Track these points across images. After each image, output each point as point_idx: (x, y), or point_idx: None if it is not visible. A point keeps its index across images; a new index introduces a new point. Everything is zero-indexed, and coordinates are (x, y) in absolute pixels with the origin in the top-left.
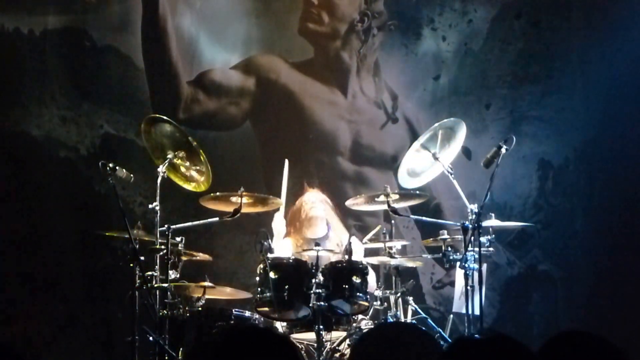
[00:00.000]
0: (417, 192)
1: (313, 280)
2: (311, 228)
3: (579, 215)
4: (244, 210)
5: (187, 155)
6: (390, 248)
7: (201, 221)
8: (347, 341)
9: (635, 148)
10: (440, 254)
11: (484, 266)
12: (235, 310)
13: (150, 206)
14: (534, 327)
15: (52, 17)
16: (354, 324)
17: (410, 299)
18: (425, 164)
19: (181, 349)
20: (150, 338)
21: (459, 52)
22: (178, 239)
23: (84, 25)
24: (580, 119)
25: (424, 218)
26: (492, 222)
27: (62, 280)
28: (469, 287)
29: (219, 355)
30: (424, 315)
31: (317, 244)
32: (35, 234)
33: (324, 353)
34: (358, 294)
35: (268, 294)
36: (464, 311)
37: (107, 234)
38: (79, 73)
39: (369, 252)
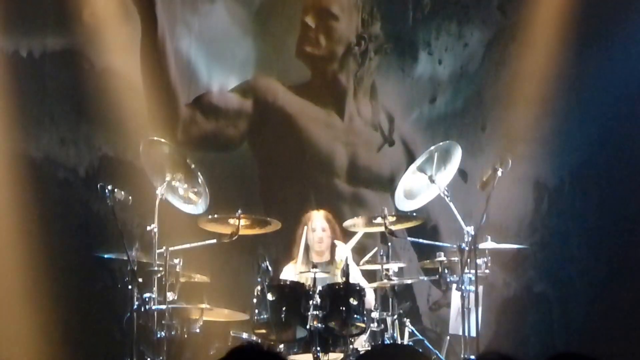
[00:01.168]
0: (414, 214)
1: (310, 302)
2: (315, 255)
3: (574, 236)
4: (242, 232)
5: (185, 177)
6: (387, 270)
7: (199, 243)
8: None
9: (630, 169)
10: (437, 276)
11: (480, 288)
12: (232, 332)
13: (148, 228)
14: (530, 348)
15: (51, 39)
16: (351, 346)
17: (407, 320)
18: (422, 186)
19: None
20: (148, 359)
21: (455, 74)
22: (176, 260)
23: (82, 48)
24: (576, 141)
25: (420, 240)
26: (488, 244)
27: (60, 300)
28: (465, 309)
29: None
30: (420, 336)
31: (315, 266)
32: (33, 255)
33: None
34: (355, 315)
35: (265, 316)
36: (460, 332)
37: (105, 255)
38: (77, 95)
39: (365, 274)
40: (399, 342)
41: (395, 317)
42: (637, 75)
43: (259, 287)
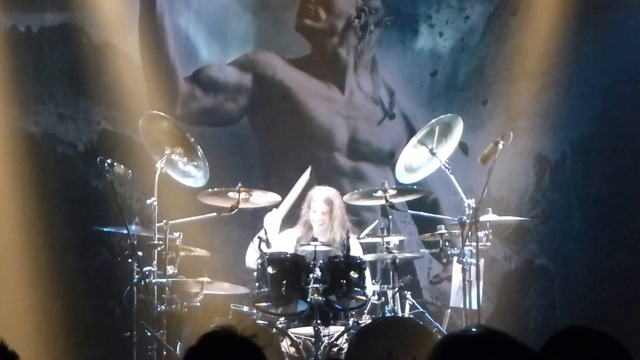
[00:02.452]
0: (415, 187)
1: (311, 275)
2: (315, 233)
3: (575, 210)
4: (242, 205)
5: (184, 151)
6: (388, 243)
7: (199, 216)
8: (345, 336)
9: (632, 143)
10: (438, 249)
11: (482, 261)
12: (233, 306)
13: (147, 202)
14: (531, 321)
15: (50, 14)
16: (352, 319)
17: (408, 293)
18: (423, 159)
19: (179, 344)
20: (149, 333)
21: (456, 48)
22: (176, 234)
23: (81, 23)
24: (577, 115)
25: (421, 213)
26: (489, 216)
27: (60, 275)
28: (466, 282)
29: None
30: (421, 309)
31: (315, 239)
32: (32, 230)
33: (321, 348)
34: (355, 288)
35: (266, 289)
36: (461, 306)
37: (105, 229)
38: (76, 70)
39: (366, 247)
40: (400, 315)
41: (396, 290)
42: (639, 49)
43: (259, 261)
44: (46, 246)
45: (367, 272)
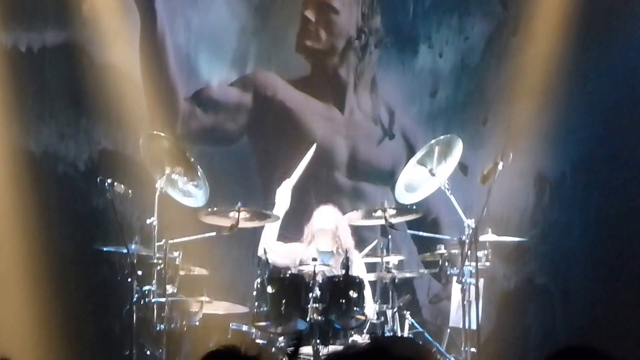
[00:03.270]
0: (414, 207)
1: (310, 294)
2: (319, 239)
3: (575, 229)
4: (241, 225)
5: (184, 171)
6: (387, 263)
7: (198, 236)
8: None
9: (632, 162)
10: (437, 269)
11: (481, 280)
12: (232, 325)
13: (147, 221)
14: (531, 339)
15: (50, 33)
16: (351, 338)
17: (407, 313)
18: (422, 179)
19: None
20: (148, 352)
21: (456, 68)
22: (175, 253)
23: (82, 42)
24: (577, 134)
25: (420, 233)
26: (488, 236)
27: (60, 292)
28: (465, 302)
29: None
30: (420, 329)
31: (315, 259)
32: (33, 248)
33: None
34: (355, 308)
35: (265, 308)
36: (460, 325)
37: (104, 249)
38: (77, 89)
39: (365, 267)
40: (399, 335)
41: (395, 309)
42: (639, 69)
43: (258, 280)
44: (47, 263)
45: (368, 292)
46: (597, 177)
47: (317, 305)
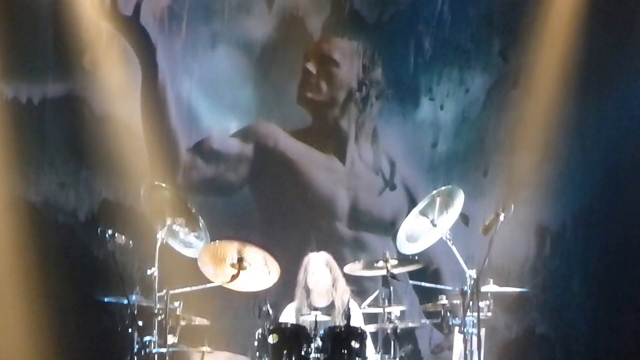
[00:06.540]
0: (416, 257)
1: (312, 345)
2: (316, 297)
3: (576, 279)
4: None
5: (186, 222)
6: (389, 313)
7: (199, 286)
8: None
9: (632, 214)
10: (439, 319)
11: (483, 330)
12: None
13: (148, 272)
14: None
15: (51, 85)
16: None
17: None
18: (424, 229)
19: None
20: None
21: (457, 120)
22: (176, 303)
23: (82, 94)
24: (578, 185)
25: (422, 283)
26: (490, 287)
27: (61, 344)
28: (467, 352)
29: None
30: None
31: (316, 309)
32: (34, 298)
33: None
34: (356, 358)
35: (266, 359)
36: None
37: (105, 299)
38: (77, 140)
39: (367, 317)
40: None
41: (397, 359)
42: (639, 120)
43: (260, 330)
44: (47, 314)
45: (369, 342)
46: (597, 228)
47: (318, 355)
